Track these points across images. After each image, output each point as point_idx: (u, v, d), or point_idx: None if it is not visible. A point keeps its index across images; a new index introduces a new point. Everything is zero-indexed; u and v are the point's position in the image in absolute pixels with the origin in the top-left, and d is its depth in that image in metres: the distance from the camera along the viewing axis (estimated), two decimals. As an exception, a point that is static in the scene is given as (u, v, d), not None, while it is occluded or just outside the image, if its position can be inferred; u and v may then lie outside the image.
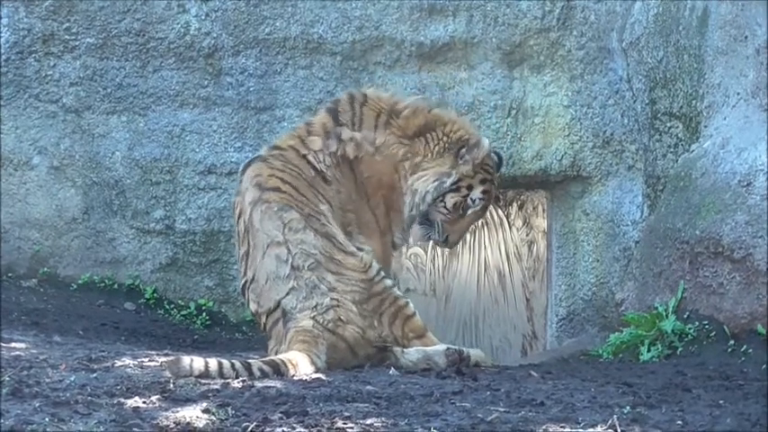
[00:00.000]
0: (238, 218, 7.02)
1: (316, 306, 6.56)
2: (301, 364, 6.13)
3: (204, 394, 5.24)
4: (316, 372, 6.15)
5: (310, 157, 7.07)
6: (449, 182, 7.15)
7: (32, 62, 9.43)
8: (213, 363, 5.80)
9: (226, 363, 5.86)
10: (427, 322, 7.18)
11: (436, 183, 7.12)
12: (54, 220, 9.46)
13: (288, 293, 6.63)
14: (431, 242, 7.66)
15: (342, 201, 7.04)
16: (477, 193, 7.23)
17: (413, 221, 7.24)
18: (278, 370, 5.99)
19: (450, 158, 7.18)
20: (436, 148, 7.19)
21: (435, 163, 7.16)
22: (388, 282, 6.83)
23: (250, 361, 6.01)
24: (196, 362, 5.73)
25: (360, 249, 6.84)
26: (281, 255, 6.67)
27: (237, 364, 5.89)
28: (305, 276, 6.61)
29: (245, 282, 6.92)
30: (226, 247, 9.44)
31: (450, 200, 7.18)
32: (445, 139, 7.20)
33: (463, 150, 7.18)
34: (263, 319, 6.79)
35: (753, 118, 7.47)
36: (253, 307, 6.88)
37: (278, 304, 6.65)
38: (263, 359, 6.13)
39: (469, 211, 7.28)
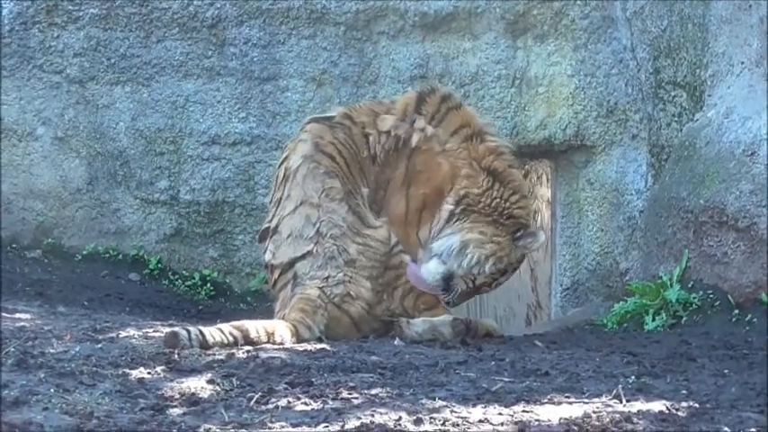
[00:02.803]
0: (282, 162, 7.04)
1: (327, 278, 6.56)
2: (278, 333, 6.11)
3: (209, 365, 5.25)
4: (297, 343, 6.14)
5: (371, 138, 7.04)
6: (501, 267, 6.92)
7: (36, 33, 9.42)
8: (207, 331, 5.82)
9: (214, 330, 5.87)
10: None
11: (492, 265, 6.88)
12: (58, 191, 9.46)
13: (304, 256, 6.63)
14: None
15: (379, 181, 7.00)
16: (503, 279, 7.08)
17: (430, 257, 6.91)
18: (247, 336, 5.99)
19: (504, 233, 6.93)
20: (494, 203, 6.95)
21: (491, 228, 6.91)
22: (406, 257, 6.81)
23: (222, 326, 6.00)
24: (193, 332, 5.75)
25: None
26: (312, 216, 6.68)
27: (225, 329, 5.92)
28: (326, 245, 6.61)
29: (268, 228, 6.92)
30: (230, 217, 9.45)
31: (482, 279, 6.95)
32: (506, 205, 6.97)
33: (519, 234, 6.96)
34: (275, 274, 6.80)
35: (757, 87, 7.45)
36: (267, 256, 6.89)
37: (292, 262, 6.65)
38: (234, 323, 6.11)
39: (482, 289, 7.10)
